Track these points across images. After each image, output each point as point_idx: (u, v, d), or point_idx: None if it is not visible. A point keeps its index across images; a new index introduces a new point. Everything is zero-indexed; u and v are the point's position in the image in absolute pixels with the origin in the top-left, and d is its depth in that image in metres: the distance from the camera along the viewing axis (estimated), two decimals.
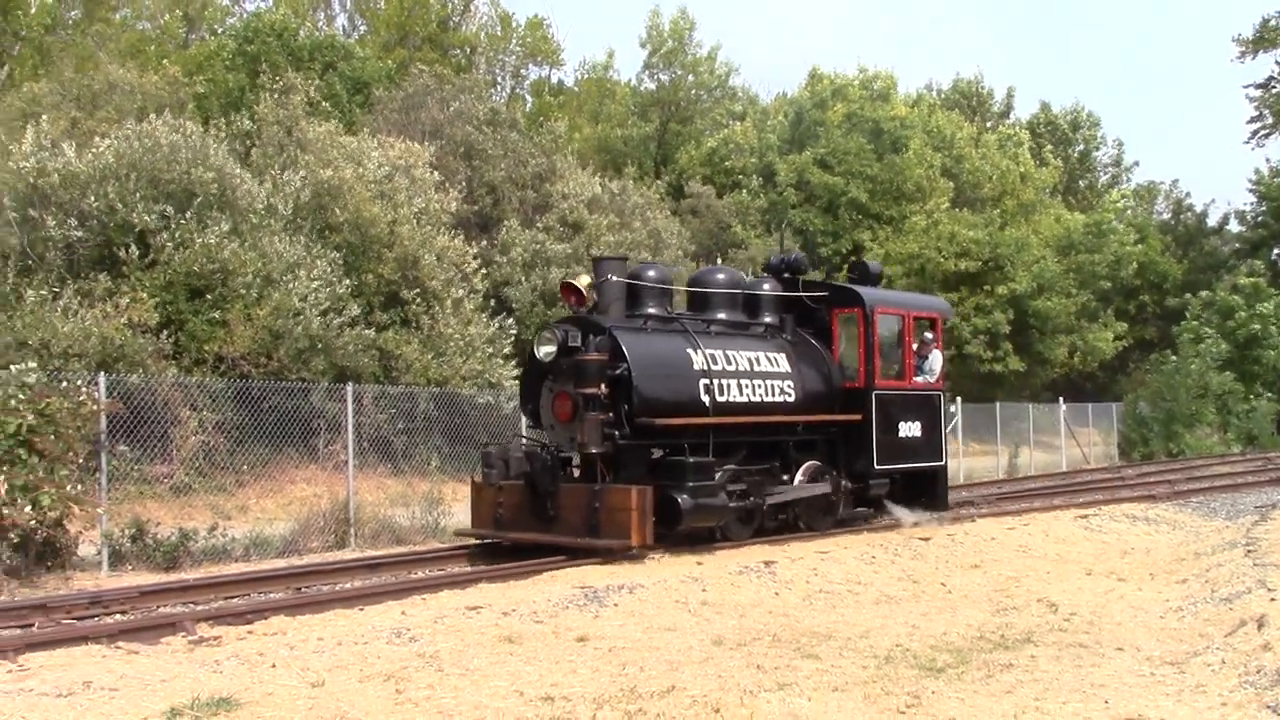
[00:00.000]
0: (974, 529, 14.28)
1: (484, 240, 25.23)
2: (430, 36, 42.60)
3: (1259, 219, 49.54)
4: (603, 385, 11.84)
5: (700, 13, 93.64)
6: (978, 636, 8.20)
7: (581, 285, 12.82)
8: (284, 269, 18.74)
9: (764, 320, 14.45)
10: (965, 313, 35.72)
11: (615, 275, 12.90)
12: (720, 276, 14.67)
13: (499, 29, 45.10)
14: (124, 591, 10.05)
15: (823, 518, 14.23)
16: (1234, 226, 53.18)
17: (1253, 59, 48.06)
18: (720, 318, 13.96)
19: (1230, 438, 35.64)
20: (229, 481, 16.27)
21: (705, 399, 12.65)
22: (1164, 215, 56.46)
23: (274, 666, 6.94)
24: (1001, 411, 28.25)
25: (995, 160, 45.34)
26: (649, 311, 13.12)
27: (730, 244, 34.41)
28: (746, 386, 13.20)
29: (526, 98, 45.68)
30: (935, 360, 15.80)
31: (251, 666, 6.96)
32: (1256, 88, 49.58)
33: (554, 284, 22.66)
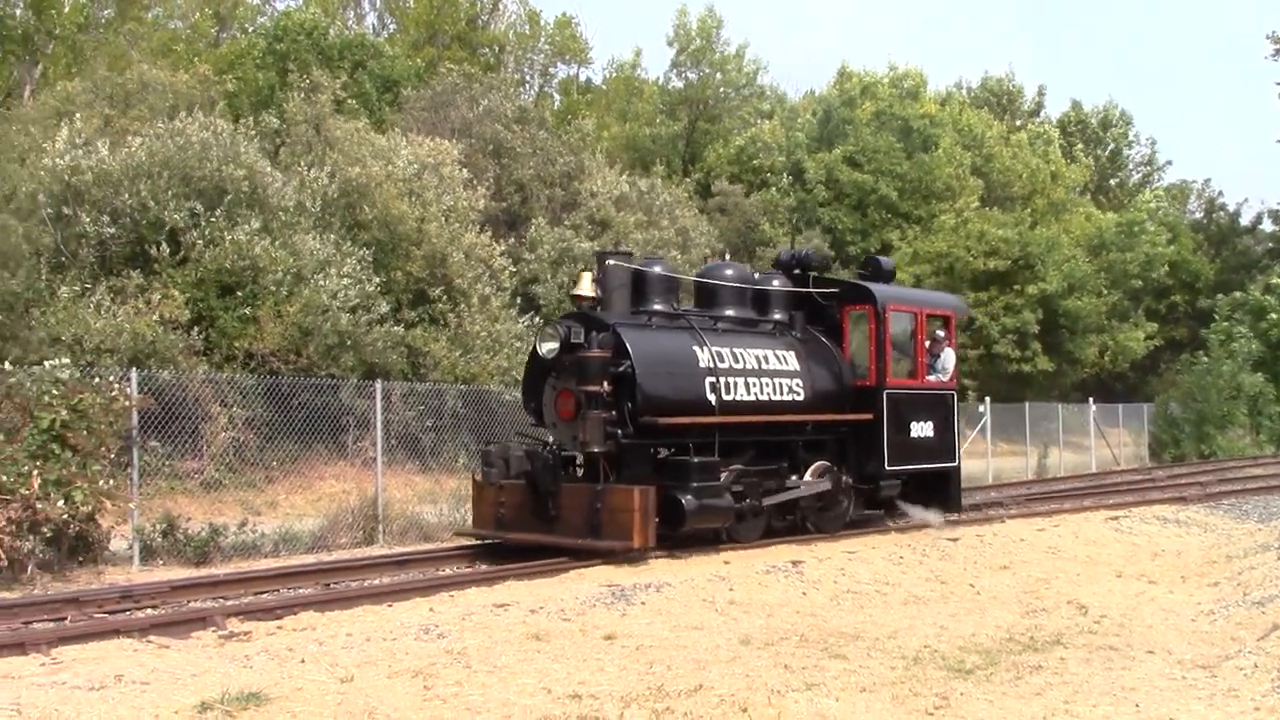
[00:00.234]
0: (1003, 530, 14.19)
1: (512, 238, 25.28)
2: (459, 35, 42.81)
3: None
4: (606, 383, 11.53)
5: (728, 11, 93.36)
6: (1007, 638, 8.15)
7: (586, 283, 12.52)
8: (314, 266, 18.87)
9: (773, 317, 14.06)
10: (994, 312, 35.53)
11: (620, 272, 12.56)
12: (729, 272, 14.16)
13: (527, 27, 45.24)
14: (155, 586, 10.13)
15: (832, 520, 13.90)
16: (1267, 226, 52.76)
17: None
18: (728, 314, 13.56)
19: (1262, 439, 35.29)
20: (259, 477, 16.37)
21: (711, 397, 12.30)
22: (1196, 214, 55.92)
23: (303, 662, 6.98)
24: (1031, 412, 28.00)
25: (1025, 159, 45.03)
26: (654, 308, 12.77)
27: (758, 242, 34.34)
28: (754, 385, 12.85)
29: (555, 96, 45.82)
30: (948, 359, 15.48)
31: (281, 662, 7.00)
32: None
33: None
